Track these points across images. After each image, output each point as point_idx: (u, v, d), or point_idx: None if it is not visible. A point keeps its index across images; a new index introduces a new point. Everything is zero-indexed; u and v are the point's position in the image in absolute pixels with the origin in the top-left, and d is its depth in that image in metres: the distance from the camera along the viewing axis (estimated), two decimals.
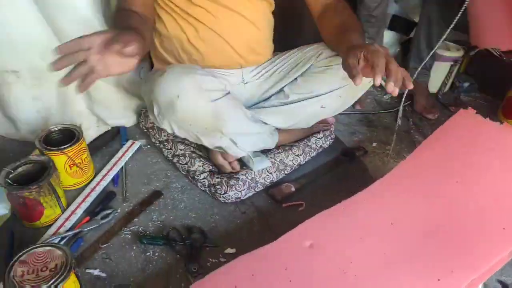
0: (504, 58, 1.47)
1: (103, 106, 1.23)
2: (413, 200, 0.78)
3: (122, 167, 1.12)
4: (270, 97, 1.07)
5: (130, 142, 1.20)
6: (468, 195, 0.75)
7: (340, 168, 1.14)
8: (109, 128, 1.26)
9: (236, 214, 1.00)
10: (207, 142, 1.00)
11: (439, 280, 0.62)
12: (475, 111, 0.89)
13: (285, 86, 1.05)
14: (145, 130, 1.24)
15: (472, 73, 1.57)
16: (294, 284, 0.66)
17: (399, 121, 1.35)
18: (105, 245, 0.91)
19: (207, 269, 0.87)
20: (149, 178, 1.10)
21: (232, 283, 0.67)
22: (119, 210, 1.00)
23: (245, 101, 1.09)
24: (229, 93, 0.97)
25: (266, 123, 1.05)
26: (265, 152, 1.09)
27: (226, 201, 1.01)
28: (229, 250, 0.92)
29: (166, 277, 0.84)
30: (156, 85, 0.91)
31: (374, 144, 1.24)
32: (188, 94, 0.89)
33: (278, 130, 1.09)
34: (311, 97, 1.01)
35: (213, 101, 0.91)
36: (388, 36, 1.62)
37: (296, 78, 1.03)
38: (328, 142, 1.19)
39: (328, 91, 1.00)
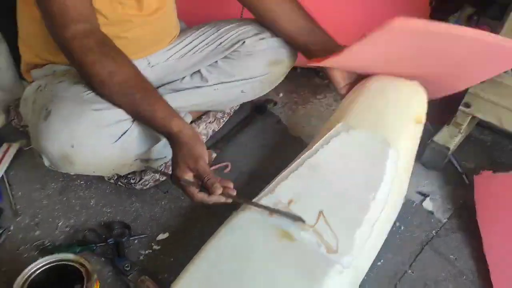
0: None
1: None
2: None
3: (3, 176, 0.91)
4: (183, 78, 0.96)
5: (5, 145, 0.98)
6: None
7: (255, 124, 1.10)
8: None
9: (159, 196, 0.90)
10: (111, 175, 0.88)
11: None
12: None
13: (201, 68, 0.95)
14: (21, 129, 1.02)
15: None
16: None
17: (298, 69, 1.37)
18: (4, 270, 0.73)
19: (141, 262, 0.77)
20: (41, 181, 0.91)
21: None
22: (12, 228, 0.82)
23: (153, 83, 0.95)
24: None
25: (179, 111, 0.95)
26: None
27: (144, 188, 0.90)
28: (161, 236, 0.82)
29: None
30: (40, 135, 0.69)
31: (281, 95, 1.23)
32: (85, 140, 0.69)
33: None
34: (232, 81, 0.94)
35: (118, 139, 0.73)
36: None
37: (216, 61, 0.94)
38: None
39: (250, 77, 0.95)
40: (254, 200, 0.69)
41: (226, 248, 0.63)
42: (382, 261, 0.78)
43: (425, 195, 0.93)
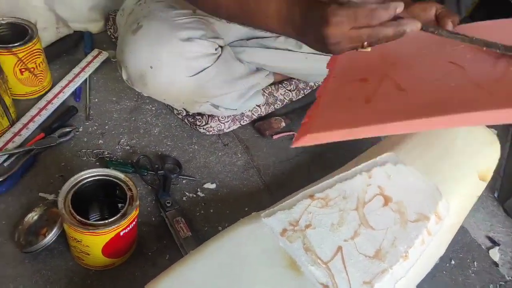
0: None
1: (64, 4, 1.02)
2: None
3: (86, 79, 0.95)
4: (279, 36, 0.90)
5: (96, 51, 1.02)
6: None
7: None
8: (71, 33, 1.06)
9: (218, 146, 0.89)
10: (180, 108, 0.87)
11: None
12: None
13: None
14: (114, 39, 1.05)
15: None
16: None
17: None
18: (63, 165, 0.78)
19: (183, 204, 0.77)
20: (118, 95, 0.94)
21: None
22: (81, 129, 0.86)
23: (243, 34, 0.91)
24: (221, 52, 0.78)
25: (262, 68, 0.90)
26: None
27: (207, 133, 0.89)
28: (209, 185, 0.81)
29: None
30: (125, 47, 0.71)
31: None
32: (163, 66, 0.70)
33: None
34: (326, 55, 0.87)
35: (196, 74, 0.73)
36: None
37: None
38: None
39: None
40: (265, 212, 0.62)
41: (218, 260, 0.56)
42: None
43: (495, 243, 0.83)
